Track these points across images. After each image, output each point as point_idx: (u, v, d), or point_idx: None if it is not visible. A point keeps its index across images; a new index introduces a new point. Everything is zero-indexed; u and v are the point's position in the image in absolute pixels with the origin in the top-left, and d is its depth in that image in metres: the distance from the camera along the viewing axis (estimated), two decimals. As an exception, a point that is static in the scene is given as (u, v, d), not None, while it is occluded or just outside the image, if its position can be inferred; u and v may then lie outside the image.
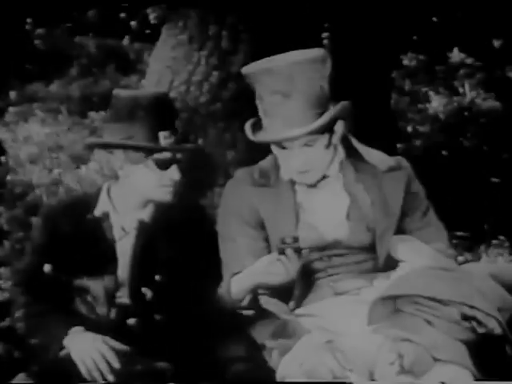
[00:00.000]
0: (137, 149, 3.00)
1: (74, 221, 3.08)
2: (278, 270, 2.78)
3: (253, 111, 2.99)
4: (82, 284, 3.04)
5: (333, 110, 2.87)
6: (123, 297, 3.05)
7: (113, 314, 3.03)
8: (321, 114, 2.85)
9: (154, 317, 3.01)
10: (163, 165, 3.00)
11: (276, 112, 2.86)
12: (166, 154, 3.00)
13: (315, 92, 2.85)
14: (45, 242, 3.09)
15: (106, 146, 3.05)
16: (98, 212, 3.08)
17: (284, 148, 2.90)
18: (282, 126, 2.85)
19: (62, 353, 2.93)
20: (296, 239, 2.79)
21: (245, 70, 2.94)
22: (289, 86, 2.83)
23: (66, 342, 2.93)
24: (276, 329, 2.85)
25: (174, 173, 3.02)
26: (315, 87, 2.85)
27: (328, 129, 2.88)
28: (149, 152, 2.99)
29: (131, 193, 3.06)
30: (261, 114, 2.92)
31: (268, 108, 2.88)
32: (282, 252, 2.78)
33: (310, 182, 2.96)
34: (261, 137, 2.93)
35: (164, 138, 3.00)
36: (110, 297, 3.03)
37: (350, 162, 3.02)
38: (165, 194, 3.03)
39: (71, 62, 7.58)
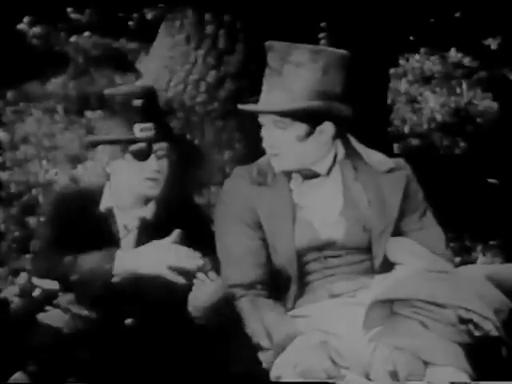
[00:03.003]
0: (110, 143, 3.03)
1: (81, 213, 3.09)
2: (195, 293, 2.87)
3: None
4: None
5: (311, 103, 2.87)
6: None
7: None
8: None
9: (153, 317, 3.00)
10: (140, 156, 3.01)
11: (265, 86, 2.90)
12: (141, 145, 3.00)
13: (305, 80, 2.86)
14: (55, 230, 3.09)
15: (93, 145, 3.10)
16: (102, 207, 3.09)
17: (263, 125, 2.93)
18: (263, 100, 2.90)
19: (115, 279, 2.96)
20: (207, 263, 2.82)
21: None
22: (281, 65, 2.86)
23: (120, 268, 2.96)
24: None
25: (152, 163, 3.01)
26: (309, 79, 2.86)
27: (305, 120, 2.88)
28: (125, 145, 3.00)
29: (121, 189, 3.07)
30: None
31: (264, 81, 2.92)
32: (193, 276, 2.87)
33: (282, 168, 2.96)
34: (242, 105, 2.98)
35: (140, 130, 3.00)
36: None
37: (349, 162, 3.01)
38: (150, 186, 3.03)
39: (68, 61, 7.57)
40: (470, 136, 6.95)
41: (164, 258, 2.96)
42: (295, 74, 2.86)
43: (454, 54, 8.02)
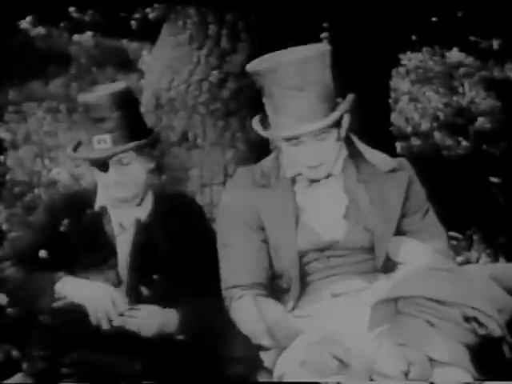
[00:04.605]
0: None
1: (75, 214, 3.09)
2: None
3: (252, 110, 2.98)
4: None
5: (345, 103, 2.86)
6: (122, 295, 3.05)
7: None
8: (331, 107, 2.84)
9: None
10: (100, 167, 3.01)
11: (289, 108, 2.81)
12: (98, 158, 3.00)
13: (325, 86, 2.83)
14: (46, 234, 3.09)
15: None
16: (97, 206, 3.10)
17: (295, 144, 2.88)
18: (297, 122, 2.80)
19: (59, 303, 2.94)
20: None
21: (251, 67, 2.89)
22: (302, 80, 2.79)
23: (63, 290, 2.95)
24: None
25: (112, 174, 3.01)
26: (325, 81, 2.84)
27: (338, 123, 2.88)
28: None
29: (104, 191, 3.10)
30: (270, 111, 2.87)
31: (280, 104, 2.83)
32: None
33: (318, 177, 2.94)
34: (275, 133, 2.88)
35: (97, 142, 3.00)
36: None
37: (351, 162, 3.01)
38: (118, 191, 3.03)
39: (70, 61, 7.58)
40: (473, 135, 6.96)
41: (99, 298, 2.94)
42: (318, 82, 2.82)
43: (456, 54, 8.03)
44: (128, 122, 3.03)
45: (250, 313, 2.86)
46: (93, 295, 2.92)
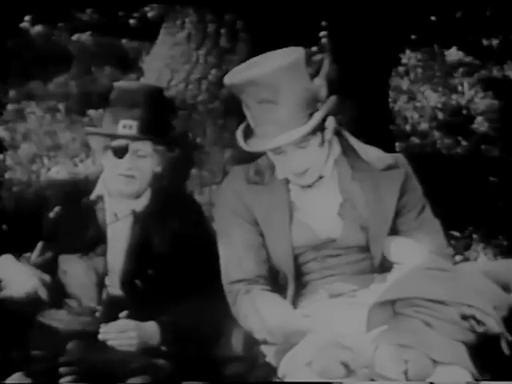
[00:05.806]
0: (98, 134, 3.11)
1: (68, 200, 3.10)
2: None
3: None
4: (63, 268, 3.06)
5: (324, 108, 2.86)
6: (114, 287, 3.06)
7: (104, 306, 3.03)
8: (311, 114, 2.84)
9: (148, 312, 3.01)
10: (117, 153, 3.02)
11: (266, 120, 2.84)
12: (119, 142, 3.01)
13: (301, 94, 2.83)
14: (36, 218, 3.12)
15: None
16: (93, 196, 3.11)
17: (278, 153, 2.89)
18: (275, 133, 2.82)
19: None
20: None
21: (227, 80, 2.90)
22: (275, 93, 2.80)
23: None
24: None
25: (126, 161, 3.02)
26: (301, 89, 2.83)
27: (320, 127, 2.88)
28: (109, 140, 3.04)
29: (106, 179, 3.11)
30: (250, 121, 2.91)
31: (257, 117, 2.86)
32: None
33: (307, 183, 2.95)
34: (255, 146, 2.91)
35: (123, 126, 3.02)
36: (101, 280, 3.03)
37: (345, 160, 3.01)
38: (124, 182, 3.04)
39: (70, 60, 7.58)
40: (471, 134, 6.96)
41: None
42: (292, 92, 2.82)
43: (455, 53, 8.03)
44: (157, 117, 3.09)
45: (254, 309, 2.88)
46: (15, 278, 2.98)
